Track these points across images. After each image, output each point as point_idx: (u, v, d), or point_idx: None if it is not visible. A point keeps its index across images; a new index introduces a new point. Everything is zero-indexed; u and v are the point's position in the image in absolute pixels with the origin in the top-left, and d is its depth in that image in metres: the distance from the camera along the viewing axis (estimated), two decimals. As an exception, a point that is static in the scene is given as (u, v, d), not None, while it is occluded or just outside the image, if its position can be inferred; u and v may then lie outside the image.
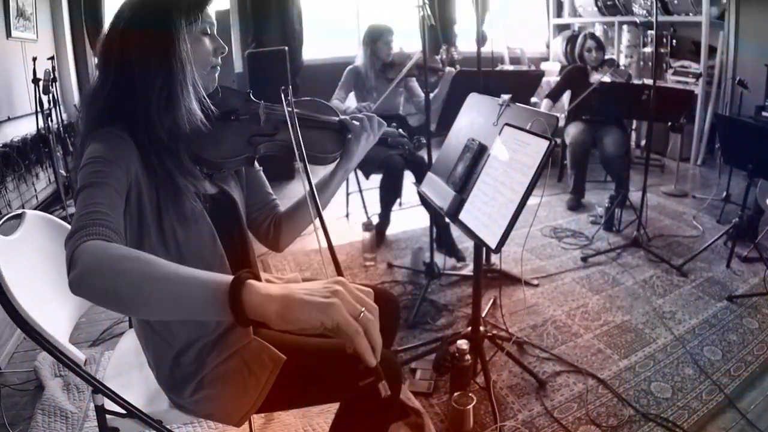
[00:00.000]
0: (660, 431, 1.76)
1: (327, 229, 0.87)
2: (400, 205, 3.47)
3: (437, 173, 1.92)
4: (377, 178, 3.15)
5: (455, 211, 1.67)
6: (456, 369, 1.87)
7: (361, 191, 3.52)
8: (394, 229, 3.44)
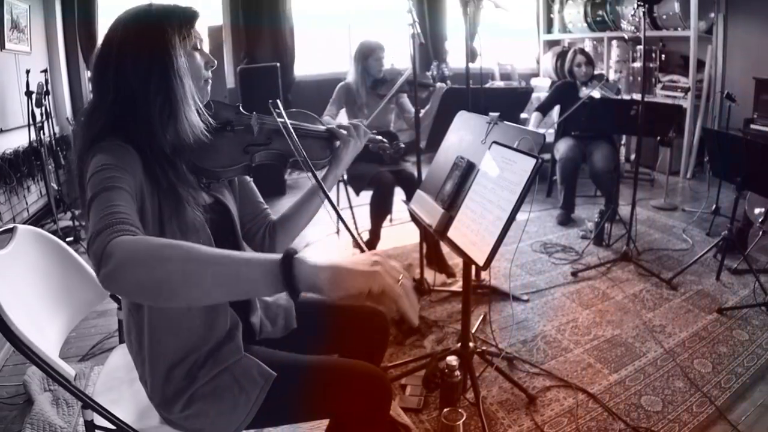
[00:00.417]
0: (650, 445, 1.77)
1: (340, 212, 1.00)
2: (390, 222, 3.48)
3: (426, 190, 1.93)
4: (367, 194, 3.15)
5: (444, 229, 1.69)
6: (446, 385, 1.87)
7: (352, 207, 3.54)
8: (384, 246, 3.43)
